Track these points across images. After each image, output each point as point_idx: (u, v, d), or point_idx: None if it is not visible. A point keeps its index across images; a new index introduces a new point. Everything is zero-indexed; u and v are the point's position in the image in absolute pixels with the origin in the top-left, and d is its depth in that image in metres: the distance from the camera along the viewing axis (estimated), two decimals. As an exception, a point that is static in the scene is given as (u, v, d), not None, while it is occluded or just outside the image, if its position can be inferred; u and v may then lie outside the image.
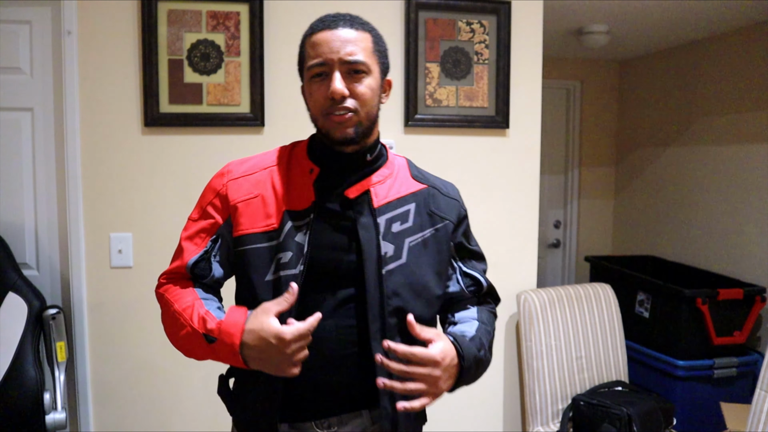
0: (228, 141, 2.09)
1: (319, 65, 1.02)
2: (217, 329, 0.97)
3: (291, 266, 1.02)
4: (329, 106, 1.02)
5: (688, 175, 3.38)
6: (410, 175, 1.15)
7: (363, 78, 1.03)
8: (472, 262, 1.19)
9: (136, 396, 2.08)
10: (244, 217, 1.06)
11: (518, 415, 2.39)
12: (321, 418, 1.06)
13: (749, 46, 2.97)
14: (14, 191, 1.99)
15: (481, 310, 1.17)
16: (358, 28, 1.04)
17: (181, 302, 1.05)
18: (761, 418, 1.65)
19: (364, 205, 1.07)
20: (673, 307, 2.72)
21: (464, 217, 1.18)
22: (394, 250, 1.06)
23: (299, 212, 1.05)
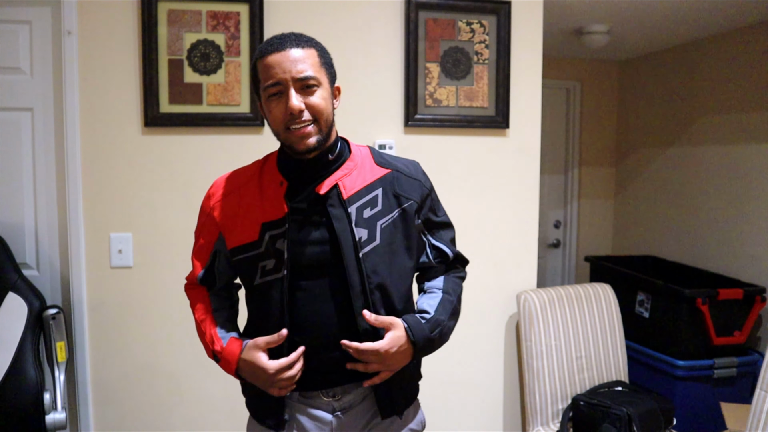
0: (228, 141, 2.09)
1: (274, 85, 1.13)
2: (220, 353, 1.21)
3: (275, 271, 1.17)
4: (289, 121, 1.13)
5: (688, 175, 3.38)
6: (374, 162, 1.26)
7: (315, 90, 1.14)
8: (440, 233, 1.32)
9: (136, 396, 2.08)
10: (230, 232, 1.22)
11: (518, 415, 2.39)
12: (327, 388, 1.21)
13: (749, 46, 2.97)
14: (14, 191, 1.99)
15: (447, 279, 1.31)
16: (304, 45, 1.15)
17: (200, 312, 1.29)
18: (761, 418, 1.65)
19: (335, 199, 1.18)
20: (673, 307, 2.72)
21: (428, 194, 1.29)
22: (368, 233, 1.18)
23: (275, 222, 1.17)
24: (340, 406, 1.22)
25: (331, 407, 1.22)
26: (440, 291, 1.28)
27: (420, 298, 1.29)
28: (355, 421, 1.23)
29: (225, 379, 2.13)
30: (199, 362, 2.11)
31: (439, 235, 1.32)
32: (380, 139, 2.18)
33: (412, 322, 1.19)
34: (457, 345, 2.30)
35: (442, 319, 1.23)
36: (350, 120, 2.16)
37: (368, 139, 2.17)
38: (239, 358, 1.17)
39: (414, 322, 1.19)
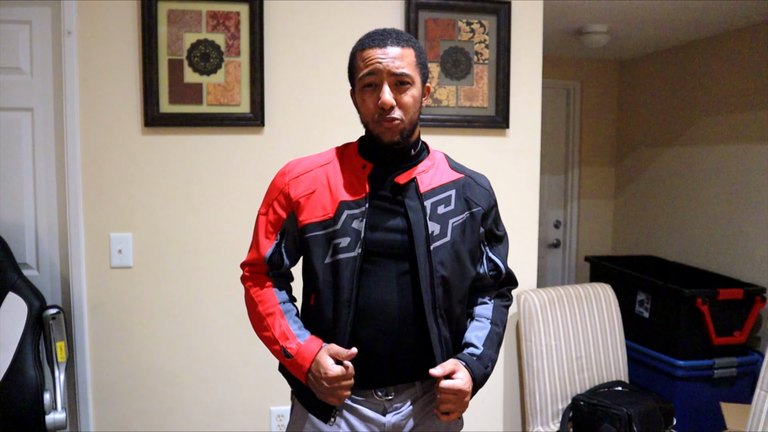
0: (228, 141, 2.09)
1: (369, 74, 1.17)
2: (295, 351, 1.19)
3: (350, 249, 1.18)
4: (380, 114, 1.17)
5: (688, 175, 3.38)
6: (449, 166, 1.31)
7: (408, 89, 1.18)
8: (498, 247, 1.35)
9: (136, 396, 2.08)
10: (304, 209, 1.23)
11: (518, 415, 2.39)
12: (380, 386, 1.22)
13: (749, 46, 2.97)
14: (14, 191, 1.99)
15: (496, 308, 1.33)
16: (403, 44, 1.18)
17: (265, 305, 1.26)
18: (761, 418, 1.65)
19: (412, 191, 1.22)
20: (673, 307, 2.72)
21: (494, 205, 1.33)
22: (440, 229, 1.21)
23: (355, 201, 1.20)
24: (391, 406, 1.23)
25: (382, 407, 1.22)
26: (488, 322, 1.30)
27: (469, 326, 1.31)
28: (405, 422, 1.24)
29: (225, 379, 2.13)
30: (199, 362, 2.11)
31: (497, 249, 1.34)
32: (380, 139, 2.18)
33: (468, 360, 1.21)
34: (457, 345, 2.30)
35: (491, 354, 1.26)
36: (350, 120, 2.16)
37: (368, 139, 2.17)
38: (315, 358, 1.16)
39: (469, 360, 1.21)
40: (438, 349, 1.19)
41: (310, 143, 2.10)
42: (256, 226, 1.31)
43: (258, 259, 1.28)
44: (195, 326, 2.10)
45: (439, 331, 1.20)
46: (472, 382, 1.19)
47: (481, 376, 1.21)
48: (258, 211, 1.31)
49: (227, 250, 2.07)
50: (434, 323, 1.19)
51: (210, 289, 2.09)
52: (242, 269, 1.33)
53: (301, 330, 1.23)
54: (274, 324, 1.23)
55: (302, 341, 1.19)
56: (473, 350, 1.24)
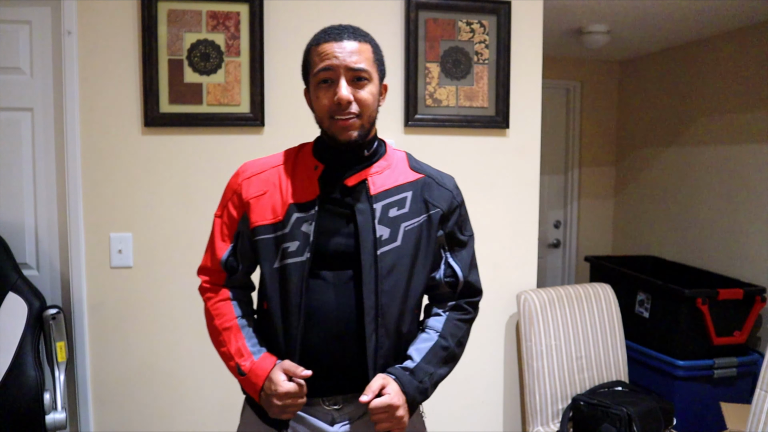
0: (228, 141, 2.09)
1: (325, 70, 1.12)
2: (248, 368, 1.15)
3: (298, 254, 1.14)
4: (335, 111, 1.13)
5: (688, 175, 3.38)
6: (408, 166, 1.25)
7: (365, 85, 1.14)
8: (460, 252, 1.27)
9: (136, 396, 2.08)
10: (255, 211, 1.19)
11: (518, 415, 2.39)
12: (327, 395, 1.18)
13: (749, 46, 2.97)
14: (14, 191, 1.99)
15: (448, 321, 1.26)
16: (360, 39, 1.14)
17: (222, 319, 1.22)
18: (761, 418, 1.65)
19: (361, 193, 1.18)
20: (673, 307, 2.72)
21: (457, 207, 1.26)
22: (390, 233, 1.16)
23: (305, 204, 1.16)
24: (339, 416, 1.19)
25: (330, 417, 1.19)
26: (436, 334, 1.23)
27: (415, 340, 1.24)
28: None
29: (225, 379, 2.13)
30: (199, 362, 2.11)
31: (458, 254, 1.27)
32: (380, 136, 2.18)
33: (398, 374, 1.15)
34: (457, 345, 2.30)
35: (429, 368, 1.18)
36: (350, 120, 2.16)
37: (368, 139, 2.17)
38: (268, 376, 1.13)
39: (400, 373, 1.15)
40: (371, 361, 1.14)
41: (310, 143, 2.10)
42: (212, 229, 1.27)
43: (214, 263, 1.25)
44: (195, 326, 2.10)
45: (376, 341, 1.14)
46: (404, 395, 1.13)
47: (414, 390, 1.14)
48: (214, 214, 1.27)
49: (227, 250, 2.07)
50: (373, 332, 1.13)
51: (210, 289, 2.09)
52: (199, 277, 1.28)
53: (256, 347, 1.18)
54: (230, 339, 1.19)
55: (256, 358, 1.15)
56: (407, 363, 1.18)
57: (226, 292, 1.25)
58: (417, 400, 1.16)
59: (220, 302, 1.24)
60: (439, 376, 1.21)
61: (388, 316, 1.15)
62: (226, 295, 1.25)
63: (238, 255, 1.24)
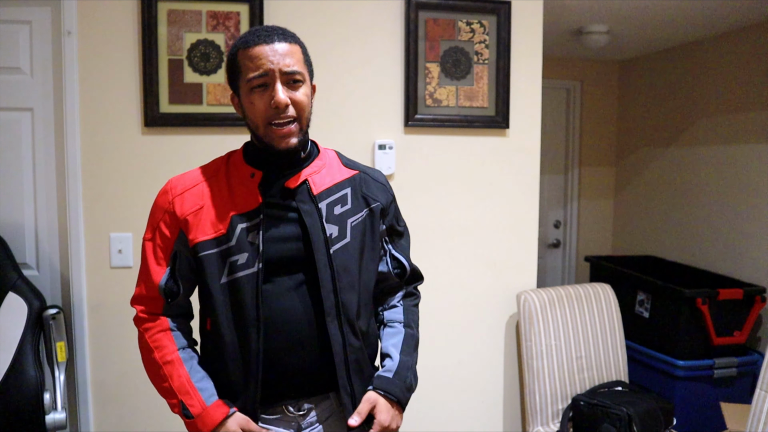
0: (228, 141, 2.09)
1: (261, 76, 1.09)
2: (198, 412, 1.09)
3: (248, 266, 1.11)
4: (272, 115, 1.10)
5: (688, 175, 3.38)
6: (341, 163, 1.26)
7: (300, 86, 1.12)
8: (400, 243, 1.31)
9: (136, 396, 2.08)
10: (194, 228, 1.14)
11: (518, 415, 2.39)
12: (293, 398, 1.16)
13: (749, 46, 2.97)
14: (14, 191, 1.99)
15: (407, 310, 1.30)
16: (290, 41, 1.12)
17: (162, 351, 1.15)
18: (761, 418, 1.65)
19: (305, 194, 1.16)
20: (673, 307, 2.72)
21: (392, 200, 1.29)
22: (339, 230, 1.17)
23: (248, 214, 1.13)
24: (306, 422, 1.17)
25: (296, 424, 1.17)
26: (401, 326, 1.27)
27: (383, 336, 1.27)
28: None
29: (225, 379, 2.13)
30: (199, 362, 2.11)
31: (399, 245, 1.30)
32: (380, 139, 2.18)
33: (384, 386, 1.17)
34: (457, 345, 2.30)
35: (407, 360, 1.23)
36: (350, 120, 2.17)
37: (368, 139, 2.17)
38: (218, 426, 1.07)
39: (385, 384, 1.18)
40: (341, 356, 1.13)
41: (310, 143, 2.10)
42: (143, 254, 1.19)
43: (151, 289, 1.17)
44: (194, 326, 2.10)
45: (343, 339, 1.14)
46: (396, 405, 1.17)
47: (401, 391, 1.18)
48: (143, 238, 1.20)
49: (227, 250, 2.07)
50: (338, 331, 1.13)
51: (210, 289, 2.09)
52: (134, 307, 1.21)
53: (203, 382, 1.13)
54: (172, 374, 1.12)
55: (207, 404, 1.10)
56: (387, 365, 1.20)
57: (165, 321, 1.18)
58: (407, 398, 1.20)
59: (159, 333, 1.17)
60: (415, 363, 1.25)
61: (349, 314, 1.15)
62: (166, 326, 1.18)
63: (177, 277, 1.18)
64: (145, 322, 1.20)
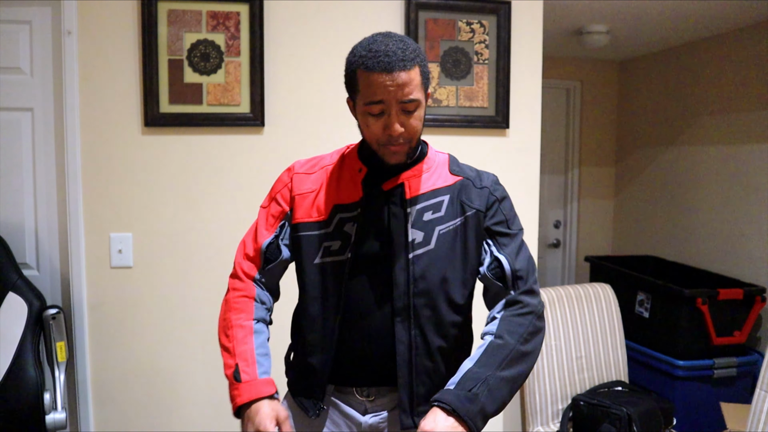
0: (228, 141, 2.09)
1: (377, 103, 1.10)
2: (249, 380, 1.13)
3: (339, 253, 1.18)
4: (386, 141, 1.13)
5: (688, 175, 3.38)
6: (449, 170, 1.25)
7: (415, 111, 1.13)
8: (505, 242, 1.21)
9: (136, 396, 2.08)
10: (300, 207, 1.23)
11: (518, 415, 2.39)
12: (362, 386, 1.21)
13: (749, 46, 2.97)
14: (14, 191, 1.99)
15: (503, 320, 1.15)
16: (410, 66, 1.09)
17: (238, 314, 1.21)
18: (761, 418, 1.65)
19: (397, 197, 1.19)
20: (673, 307, 2.72)
21: (495, 202, 1.23)
22: (424, 237, 1.17)
23: (348, 206, 1.20)
24: (372, 407, 1.22)
25: (363, 407, 1.22)
26: (491, 336, 1.13)
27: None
28: (383, 425, 1.22)
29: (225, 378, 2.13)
30: (199, 362, 2.11)
31: (503, 245, 1.20)
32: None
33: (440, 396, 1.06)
34: (457, 345, 2.30)
35: (478, 371, 1.07)
36: (350, 120, 2.16)
37: (368, 139, 2.17)
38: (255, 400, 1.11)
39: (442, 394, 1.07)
40: (404, 357, 1.15)
41: (310, 143, 2.10)
42: (257, 219, 1.29)
43: (254, 249, 1.25)
44: (195, 326, 2.10)
45: (410, 341, 1.15)
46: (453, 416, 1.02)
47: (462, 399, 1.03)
48: (260, 206, 1.30)
49: (227, 249, 2.07)
50: (406, 333, 1.15)
51: (210, 289, 2.09)
52: (235, 264, 1.28)
53: (264, 358, 1.18)
54: (239, 338, 1.18)
55: (260, 377, 1.14)
56: (453, 378, 1.10)
57: (253, 289, 1.24)
58: (468, 409, 1.03)
59: (243, 297, 1.23)
60: (502, 378, 1.07)
61: (423, 319, 1.16)
62: (252, 294, 1.24)
63: (280, 245, 1.25)
64: (236, 279, 1.26)
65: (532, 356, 1.13)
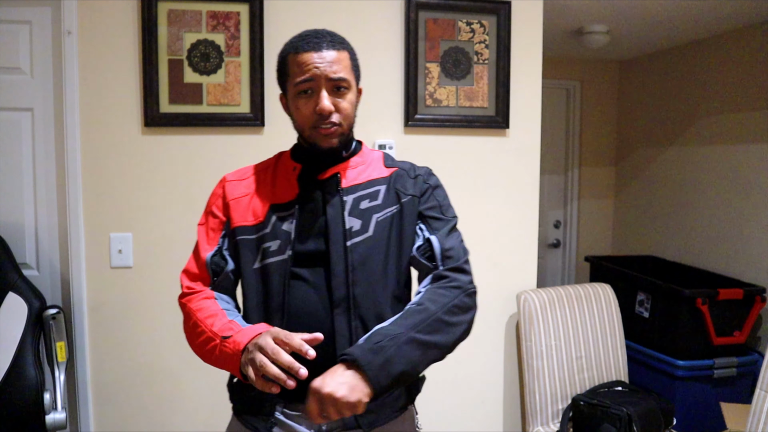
0: (228, 141, 2.09)
1: (307, 81, 1.12)
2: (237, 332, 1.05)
3: (279, 252, 1.15)
4: (316, 120, 1.14)
5: (688, 175, 3.38)
6: (384, 164, 1.26)
7: (345, 93, 1.15)
8: (436, 224, 1.19)
9: (136, 396, 2.08)
10: (236, 213, 1.21)
11: (518, 415, 2.39)
12: None
13: (749, 46, 2.97)
14: (14, 191, 1.99)
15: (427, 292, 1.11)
16: (338, 48, 1.15)
17: (205, 312, 1.14)
18: (761, 418, 1.65)
19: (333, 186, 1.19)
20: (673, 307, 2.72)
21: (428, 188, 1.23)
22: (361, 224, 1.16)
23: (284, 204, 1.19)
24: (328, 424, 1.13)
25: (316, 426, 1.14)
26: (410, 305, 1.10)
27: None
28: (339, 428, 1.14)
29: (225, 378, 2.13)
30: (199, 362, 2.11)
31: (435, 226, 1.18)
32: (380, 139, 2.18)
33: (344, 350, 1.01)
34: (457, 345, 2.30)
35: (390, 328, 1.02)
36: (350, 120, 2.17)
37: (368, 139, 2.17)
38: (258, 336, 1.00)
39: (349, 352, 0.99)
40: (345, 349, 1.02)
41: (310, 143, 2.10)
42: (197, 237, 1.24)
43: (199, 265, 1.20)
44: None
45: (351, 334, 1.10)
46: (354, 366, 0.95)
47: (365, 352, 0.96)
48: (198, 224, 1.26)
49: (227, 250, 2.07)
50: (345, 325, 1.10)
51: (210, 289, 2.09)
52: (181, 285, 1.21)
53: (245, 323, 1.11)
54: (215, 322, 1.09)
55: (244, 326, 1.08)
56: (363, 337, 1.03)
57: (210, 291, 1.20)
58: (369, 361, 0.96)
59: (203, 299, 1.18)
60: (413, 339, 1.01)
61: (363, 308, 1.12)
62: (210, 295, 1.19)
63: (224, 255, 1.21)
64: (189, 295, 1.19)
65: (455, 330, 1.08)
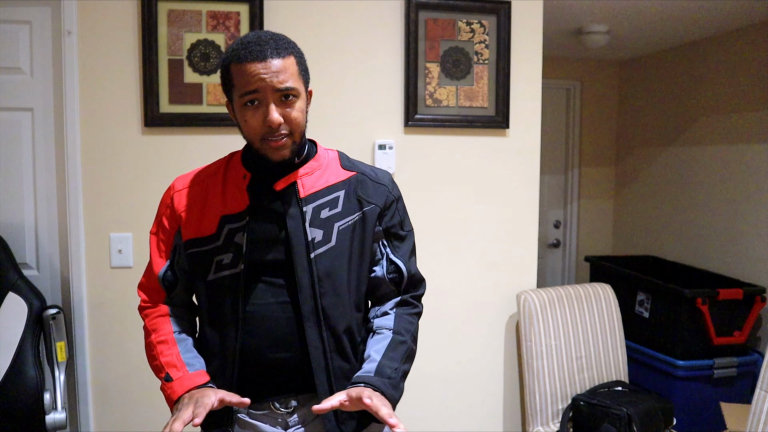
0: (228, 141, 2.08)
1: (252, 92, 1.06)
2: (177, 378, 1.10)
3: (232, 266, 1.13)
4: (266, 133, 1.09)
5: (688, 175, 3.38)
6: (340, 165, 1.22)
7: (294, 102, 1.10)
8: (401, 246, 1.23)
9: (136, 396, 2.08)
10: (187, 224, 1.17)
11: (518, 415, 2.39)
12: (279, 394, 1.15)
13: (749, 46, 2.97)
14: (14, 191, 1.99)
15: (398, 317, 1.21)
16: (283, 54, 1.08)
17: (159, 333, 1.18)
18: (761, 418, 1.65)
19: (291, 197, 1.15)
20: (673, 307, 2.72)
21: (393, 201, 1.23)
22: (323, 234, 1.14)
23: (235, 215, 1.14)
24: (293, 421, 1.16)
25: (283, 422, 1.16)
26: (390, 332, 1.17)
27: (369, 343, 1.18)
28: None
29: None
30: (199, 362, 2.11)
31: (399, 249, 1.22)
32: (380, 139, 2.18)
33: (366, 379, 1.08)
34: (457, 345, 2.30)
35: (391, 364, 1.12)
36: (350, 120, 2.16)
37: (368, 139, 2.17)
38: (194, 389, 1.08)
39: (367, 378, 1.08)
40: (319, 362, 1.12)
41: (310, 143, 2.10)
42: (150, 247, 1.24)
43: (152, 280, 1.21)
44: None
45: (323, 345, 1.12)
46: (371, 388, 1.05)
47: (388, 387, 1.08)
48: (150, 232, 1.25)
49: (227, 250, 2.07)
50: (317, 336, 1.12)
51: (210, 289, 2.09)
52: (139, 296, 1.25)
53: (193, 360, 1.14)
54: (164, 351, 1.14)
55: (190, 371, 1.11)
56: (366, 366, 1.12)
57: (164, 308, 1.22)
58: (395, 397, 1.09)
59: (158, 317, 1.20)
60: (404, 372, 1.15)
61: (332, 318, 1.13)
62: (165, 312, 1.21)
63: (175, 270, 1.21)
64: (146, 309, 1.24)
65: (415, 355, 1.21)
